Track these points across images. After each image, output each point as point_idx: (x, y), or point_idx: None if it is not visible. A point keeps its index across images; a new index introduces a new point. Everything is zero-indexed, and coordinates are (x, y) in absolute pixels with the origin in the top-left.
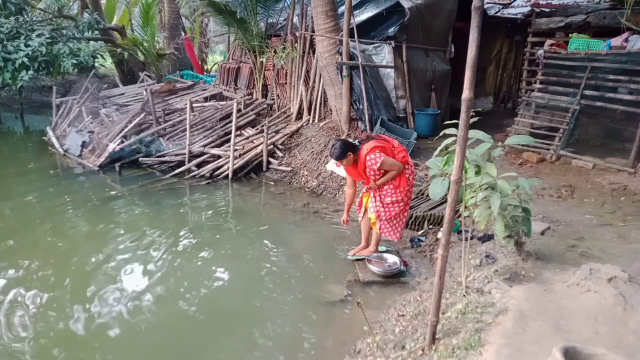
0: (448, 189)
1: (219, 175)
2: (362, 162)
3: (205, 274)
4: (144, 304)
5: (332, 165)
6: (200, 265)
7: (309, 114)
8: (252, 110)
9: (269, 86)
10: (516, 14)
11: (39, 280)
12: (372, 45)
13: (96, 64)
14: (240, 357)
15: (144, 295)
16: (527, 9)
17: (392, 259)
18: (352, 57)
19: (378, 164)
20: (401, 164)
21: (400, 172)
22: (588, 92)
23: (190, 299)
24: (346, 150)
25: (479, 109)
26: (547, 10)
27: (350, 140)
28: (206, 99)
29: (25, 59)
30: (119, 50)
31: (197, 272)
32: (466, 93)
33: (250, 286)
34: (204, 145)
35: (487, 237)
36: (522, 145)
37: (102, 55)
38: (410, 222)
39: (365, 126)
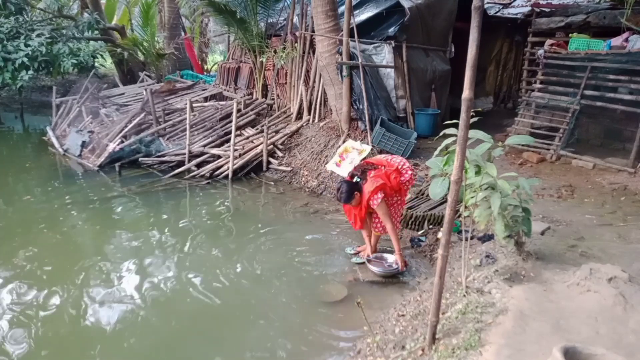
0: (448, 189)
1: (218, 175)
2: (365, 201)
3: (204, 274)
4: (142, 304)
5: (332, 165)
6: (200, 265)
7: (309, 114)
8: (252, 110)
9: (269, 86)
10: (516, 14)
11: (38, 280)
12: (372, 45)
13: (96, 64)
14: (240, 358)
15: (142, 295)
16: (527, 9)
17: (391, 258)
18: (352, 57)
19: (376, 205)
20: (391, 219)
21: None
22: (588, 92)
23: (189, 299)
24: (353, 192)
25: (479, 109)
26: (547, 10)
27: (352, 180)
28: (206, 99)
29: (25, 59)
30: (119, 50)
31: (196, 272)
32: (466, 93)
33: (250, 286)
34: (204, 145)
35: (487, 237)
36: (522, 145)
37: (102, 55)
38: (410, 222)
39: (365, 126)
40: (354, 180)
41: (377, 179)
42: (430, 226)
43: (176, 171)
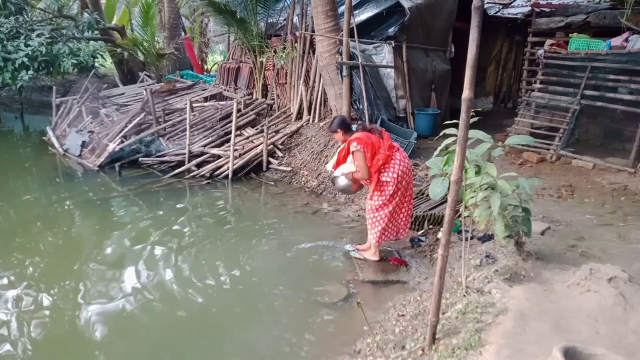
0: (448, 189)
1: (219, 175)
2: (347, 145)
3: (204, 274)
4: (141, 304)
5: (332, 166)
6: (199, 265)
7: (309, 114)
8: (252, 110)
9: (269, 86)
10: (516, 14)
11: (38, 280)
12: (372, 45)
13: (96, 64)
14: (240, 358)
15: (142, 295)
16: (527, 9)
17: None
18: (352, 57)
19: (353, 151)
20: (367, 173)
21: (366, 179)
22: (588, 92)
23: (189, 299)
24: (339, 126)
25: (479, 109)
26: (547, 10)
27: (351, 124)
28: (206, 99)
29: (25, 59)
30: (119, 50)
31: (196, 272)
32: (466, 93)
33: (250, 286)
34: (204, 145)
35: (487, 237)
36: (522, 145)
37: (102, 55)
38: (410, 222)
39: None
40: (352, 128)
41: (367, 136)
42: (430, 226)
43: (176, 171)
